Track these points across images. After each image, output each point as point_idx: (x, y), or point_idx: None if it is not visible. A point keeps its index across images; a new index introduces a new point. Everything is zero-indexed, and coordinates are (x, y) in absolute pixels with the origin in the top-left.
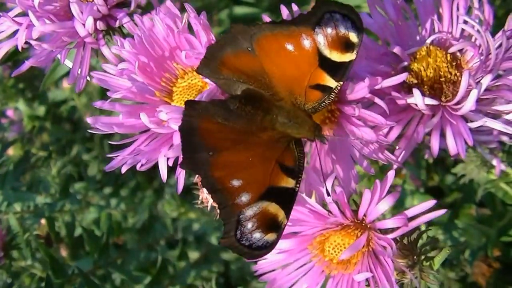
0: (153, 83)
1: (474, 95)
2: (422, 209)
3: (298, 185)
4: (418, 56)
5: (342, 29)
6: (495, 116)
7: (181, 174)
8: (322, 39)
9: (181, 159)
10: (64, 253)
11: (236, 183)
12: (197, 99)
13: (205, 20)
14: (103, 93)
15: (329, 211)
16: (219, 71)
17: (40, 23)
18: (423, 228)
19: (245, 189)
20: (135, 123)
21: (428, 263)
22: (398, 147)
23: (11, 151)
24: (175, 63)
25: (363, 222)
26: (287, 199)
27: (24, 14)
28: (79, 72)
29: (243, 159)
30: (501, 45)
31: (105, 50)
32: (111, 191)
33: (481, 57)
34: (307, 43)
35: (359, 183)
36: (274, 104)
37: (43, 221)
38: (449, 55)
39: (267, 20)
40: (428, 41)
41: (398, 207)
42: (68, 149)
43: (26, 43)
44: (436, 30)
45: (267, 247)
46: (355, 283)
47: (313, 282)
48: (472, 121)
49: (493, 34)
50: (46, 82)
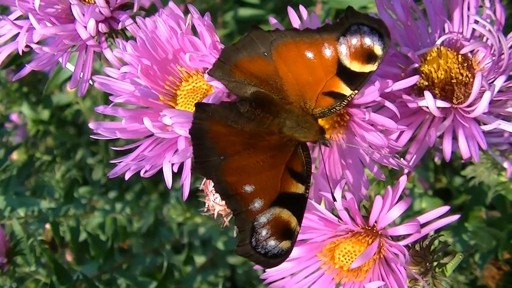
0: (156, 87)
1: (487, 97)
2: (434, 215)
3: (307, 191)
4: (428, 57)
5: (368, 42)
6: (506, 118)
7: (186, 180)
8: (344, 49)
9: (193, 164)
10: (69, 258)
11: (248, 188)
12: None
13: (209, 21)
14: (108, 97)
15: (339, 218)
16: (232, 74)
17: (40, 26)
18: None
19: (257, 195)
20: (138, 128)
21: (440, 270)
22: (409, 151)
23: (15, 156)
24: (179, 66)
25: (374, 228)
26: (298, 205)
27: (25, 17)
28: (81, 76)
29: (254, 163)
30: None
31: (107, 53)
32: (116, 195)
33: (493, 58)
34: (328, 52)
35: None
36: (283, 107)
37: (48, 226)
38: (460, 56)
39: (274, 22)
40: (438, 42)
41: (407, 210)
42: (72, 153)
43: (27, 46)
44: (446, 30)
45: (282, 255)
46: None
47: None
48: (484, 124)
49: (505, 34)
50: (49, 86)
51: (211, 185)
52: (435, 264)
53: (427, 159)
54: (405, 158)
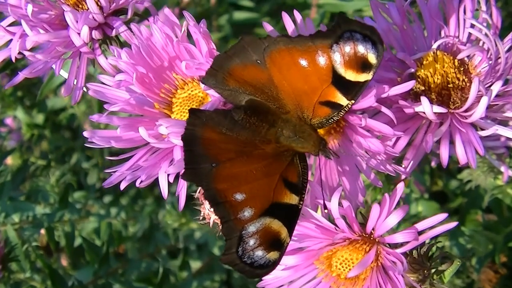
0: (152, 95)
1: (484, 102)
2: (432, 222)
3: (301, 202)
4: (424, 62)
5: (361, 49)
6: (502, 122)
7: (182, 189)
8: (338, 57)
9: (183, 170)
10: (65, 262)
11: (239, 197)
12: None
13: (205, 28)
14: (103, 101)
15: (336, 226)
16: (226, 82)
17: (33, 33)
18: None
19: (248, 203)
20: (133, 136)
21: (438, 276)
22: (406, 157)
23: (9, 160)
24: (174, 74)
25: (371, 236)
26: (290, 217)
27: (18, 23)
28: (75, 83)
29: (246, 172)
30: (510, 49)
31: (101, 60)
32: (111, 200)
33: (490, 62)
34: (322, 60)
35: None
36: (280, 117)
37: (43, 231)
38: (456, 61)
39: (268, 27)
40: (434, 46)
41: None
42: (67, 157)
43: (20, 53)
44: (442, 34)
45: (269, 266)
46: None
47: None
48: (482, 129)
49: (501, 37)
50: (43, 91)
51: None
52: (433, 271)
53: (423, 163)
54: (402, 164)
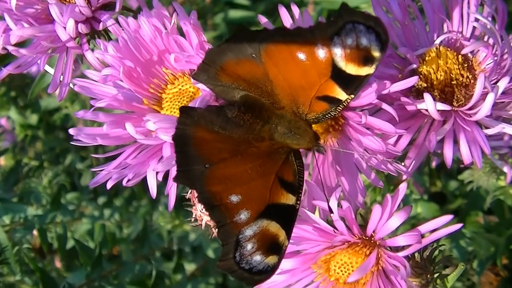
0: (140, 90)
1: (491, 99)
2: (436, 224)
3: (298, 202)
4: (427, 58)
5: (364, 42)
6: (506, 120)
7: (172, 189)
8: (339, 50)
9: (175, 173)
10: (58, 264)
11: (234, 199)
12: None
13: (196, 20)
14: None
15: (335, 228)
16: (218, 78)
17: (17, 27)
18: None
19: (244, 206)
20: (121, 133)
21: (441, 281)
22: (408, 156)
23: (2, 161)
24: (164, 68)
25: (372, 239)
26: (288, 218)
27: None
28: (61, 79)
29: (241, 172)
30: None
31: (89, 55)
32: (105, 201)
33: (495, 58)
34: (321, 53)
35: None
36: (274, 112)
37: (36, 233)
38: (460, 57)
39: (264, 20)
40: (437, 42)
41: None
42: (61, 158)
43: (4, 49)
44: (445, 29)
45: (268, 271)
46: None
47: None
48: (486, 127)
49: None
50: (34, 90)
51: None
52: (436, 275)
53: (422, 164)
54: (404, 163)
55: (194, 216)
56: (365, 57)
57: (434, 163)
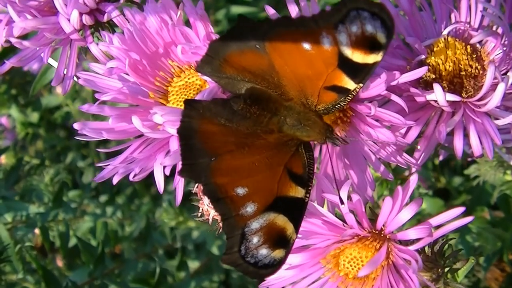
0: (146, 83)
1: (501, 89)
2: (447, 217)
3: (308, 195)
4: (435, 48)
5: (369, 28)
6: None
7: (179, 184)
8: (344, 38)
9: (180, 166)
10: (60, 263)
11: (240, 191)
12: (197, 98)
13: (203, 11)
14: None
15: (344, 222)
16: (222, 70)
17: (20, 19)
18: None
19: (250, 198)
20: (127, 127)
21: (451, 275)
22: (417, 148)
23: (3, 159)
24: (170, 60)
25: (382, 232)
26: (296, 211)
27: (6, 11)
28: (65, 72)
29: (248, 164)
30: None
31: (93, 47)
32: (107, 199)
33: (504, 48)
34: (326, 41)
35: None
36: (282, 104)
37: (37, 231)
38: (469, 47)
39: (271, 11)
40: (445, 32)
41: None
42: (63, 156)
43: (7, 41)
44: (452, 20)
45: (274, 266)
46: None
47: None
48: (496, 118)
49: None
50: (36, 86)
51: None
52: (446, 270)
53: (429, 157)
54: (413, 156)
55: (200, 211)
56: (371, 44)
57: (441, 157)
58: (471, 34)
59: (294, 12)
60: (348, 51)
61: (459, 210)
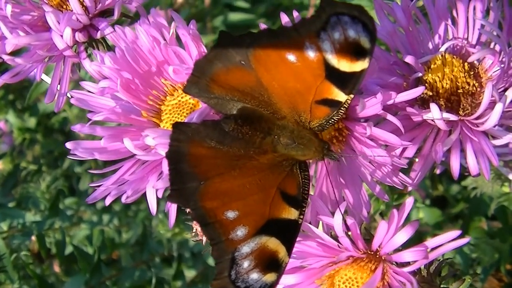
0: (139, 102)
1: (499, 109)
2: (444, 240)
3: (301, 217)
4: (432, 65)
5: (351, 34)
6: (509, 128)
7: (172, 207)
8: (328, 46)
9: (169, 192)
10: (57, 269)
11: (230, 215)
12: (187, 120)
13: (195, 30)
14: None
15: (340, 243)
16: (210, 90)
17: (13, 35)
18: None
19: (241, 222)
20: (119, 147)
21: None
22: (413, 168)
23: (0, 165)
24: (163, 79)
25: (377, 253)
26: (289, 233)
27: None
28: (58, 88)
29: (239, 187)
30: None
31: (86, 64)
32: (104, 206)
33: (502, 65)
34: (311, 52)
35: None
36: (275, 123)
37: (34, 238)
38: (466, 64)
39: (263, 27)
40: (442, 49)
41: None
42: (60, 161)
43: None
44: (450, 36)
45: None
46: None
47: None
48: (493, 137)
49: None
50: (32, 94)
51: None
52: None
53: None
54: (409, 175)
55: (194, 230)
56: (356, 51)
57: (438, 171)
58: (469, 50)
59: (285, 22)
60: (333, 60)
61: (455, 233)
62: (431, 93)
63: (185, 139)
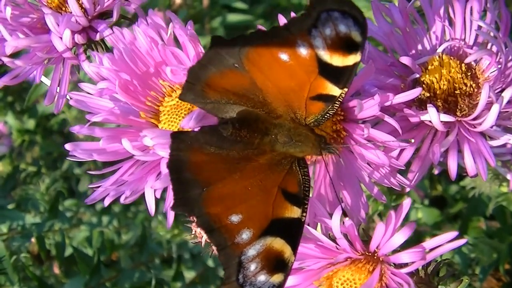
0: (137, 103)
1: (496, 109)
2: (441, 241)
3: (304, 214)
4: (429, 67)
5: (342, 29)
6: (507, 129)
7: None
8: (320, 42)
9: (173, 201)
10: (57, 270)
11: (235, 218)
12: (185, 121)
13: (192, 31)
14: None
15: (338, 245)
16: (205, 95)
17: (12, 38)
18: None
19: (245, 225)
20: (118, 148)
21: None
22: (411, 169)
23: (0, 167)
24: (161, 80)
25: (375, 255)
26: (293, 232)
27: None
28: (58, 90)
29: (241, 189)
30: None
31: (86, 66)
32: (103, 207)
33: (499, 66)
34: (303, 49)
35: None
36: (272, 123)
37: (34, 240)
38: (463, 65)
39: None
40: (439, 50)
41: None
42: (59, 162)
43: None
44: (447, 37)
45: None
46: None
47: None
48: (490, 138)
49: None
50: (31, 96)
51: None
52: None
53: None
54: (407, 176)
55: (193, 233)
56: (347, 45)
57: (436, 171)
58: (466, 51)
59: (283, 22)
60: (326, 56)
61: (453, 234)
62: (428, 94)
63: (185, 147)
